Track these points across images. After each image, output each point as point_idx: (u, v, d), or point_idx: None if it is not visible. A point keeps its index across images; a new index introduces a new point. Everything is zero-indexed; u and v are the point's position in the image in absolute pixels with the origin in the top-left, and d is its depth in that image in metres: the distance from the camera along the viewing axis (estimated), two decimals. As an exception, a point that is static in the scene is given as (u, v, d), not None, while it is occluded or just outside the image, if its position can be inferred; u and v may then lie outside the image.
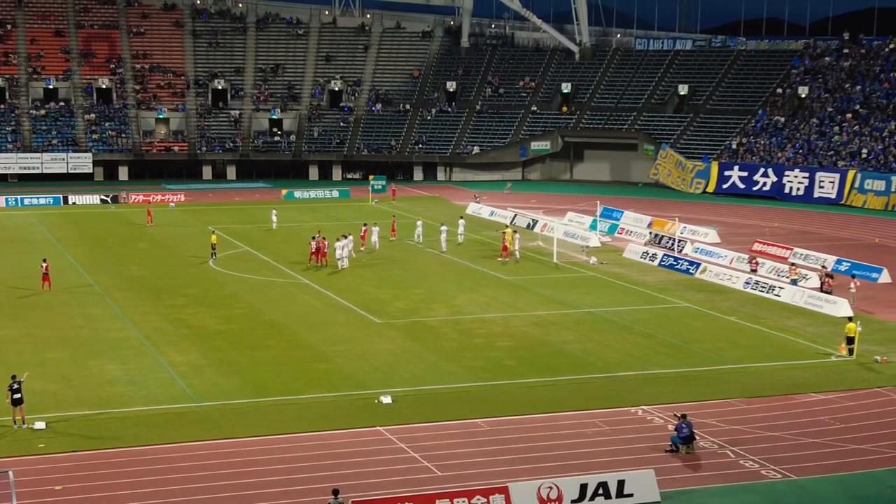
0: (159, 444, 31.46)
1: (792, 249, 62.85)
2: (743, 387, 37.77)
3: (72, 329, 44.92)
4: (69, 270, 53.83)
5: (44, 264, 52.64)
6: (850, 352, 41.52)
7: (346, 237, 59.86)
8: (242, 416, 34.03)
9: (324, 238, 60.11)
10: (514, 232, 64.92)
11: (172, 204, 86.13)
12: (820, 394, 37.05)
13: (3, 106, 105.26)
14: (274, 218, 73.00)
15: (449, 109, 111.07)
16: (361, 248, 63.98)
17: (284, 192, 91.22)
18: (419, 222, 68.15)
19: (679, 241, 65.22)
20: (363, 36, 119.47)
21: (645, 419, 34.19)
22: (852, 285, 50.81)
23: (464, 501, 26.93)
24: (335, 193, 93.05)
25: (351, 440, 32.01)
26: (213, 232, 63.57)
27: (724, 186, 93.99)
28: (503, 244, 62.26)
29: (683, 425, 31.09)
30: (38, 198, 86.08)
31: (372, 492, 27.74)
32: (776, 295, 52.57)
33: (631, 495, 27.86)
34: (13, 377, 33.09)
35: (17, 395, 32.49)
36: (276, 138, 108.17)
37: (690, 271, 58.67)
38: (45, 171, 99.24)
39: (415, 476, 29.41)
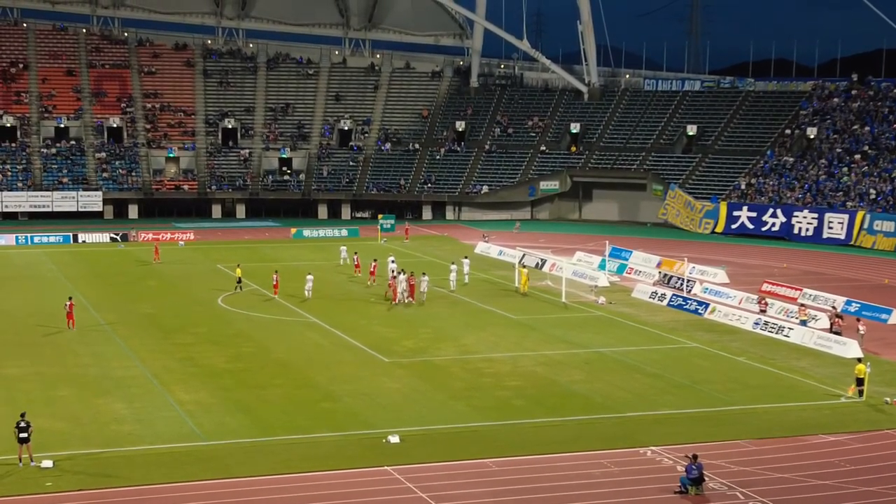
0: (166, 482, 31.33)
1: (801, 290, 62.75)
2: (752, 428, 37.57)
3: (80, 367, 44.92)
4: (78, 308, 53.98)
5: (68, 302, 53.00)
6: (860, 393, 41.33)
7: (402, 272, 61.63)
8: (250, 456, 33.91)
9: (412, 273, 61.25)
10: (524, 269, 65.96)
11: (182, 242, 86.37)
12: (829, 435, 36.83)
13: (14, 144, 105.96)
14: (344, 254, 74.98)
15: (458, 149, 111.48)
16: (368, 283, 65.63)
17: (293, 230, 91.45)
18: (390, 259, 68.09)
19: (688, 281, 65.14)
20: (373, 76, 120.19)
21: (654, 460, 34.00)
22: (860, 327, 50.61)
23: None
24: (344, 232, 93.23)
25: (358, 480, 31.87)
26: (238, 266, 65.43)
27: (733, 227, 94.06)
28: (389, 284, 61.64)
29: (693, 466, 30.91)
30: (47, 236, 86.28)
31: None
32: (785, 335, 52.40)
33: (640, 537, 27.74)
34: (22, 415, 33.08)
35: (23, 434, 32.42)
36: (286, 177, 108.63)
37: (699, 311, 58.55)
38: (55, 209, 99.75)
39: (422, 516, 29.30)
